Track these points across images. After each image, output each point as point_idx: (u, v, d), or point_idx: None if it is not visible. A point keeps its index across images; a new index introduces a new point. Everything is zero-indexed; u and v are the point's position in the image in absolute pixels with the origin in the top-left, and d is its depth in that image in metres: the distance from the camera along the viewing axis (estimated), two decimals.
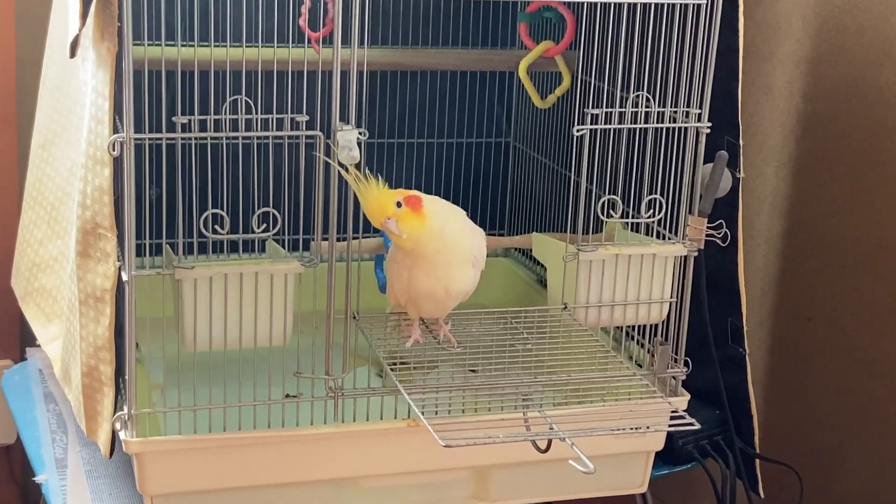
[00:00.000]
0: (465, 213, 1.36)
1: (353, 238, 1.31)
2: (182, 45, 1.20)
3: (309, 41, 1.38)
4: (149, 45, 1.23)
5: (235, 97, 1.21)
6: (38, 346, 1.61)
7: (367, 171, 1.25)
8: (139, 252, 1.25)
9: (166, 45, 1.19)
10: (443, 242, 1.30)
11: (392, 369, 1.32)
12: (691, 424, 1.26)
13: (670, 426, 1.28)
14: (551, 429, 1.23)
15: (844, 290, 1.72)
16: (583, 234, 1.39)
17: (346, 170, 1.24)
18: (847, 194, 1.70)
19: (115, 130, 1.22)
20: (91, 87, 1.26)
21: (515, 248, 1.86)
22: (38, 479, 1.44)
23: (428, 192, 1.77)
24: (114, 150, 1.19)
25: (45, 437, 1.52)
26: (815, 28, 1.71)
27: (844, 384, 1.72)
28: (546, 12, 1.66)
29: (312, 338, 1.31)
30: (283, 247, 1.31)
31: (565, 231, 1.44)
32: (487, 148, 1.86)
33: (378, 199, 1.26)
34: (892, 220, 1.63)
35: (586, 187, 1.39)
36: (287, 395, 1.34)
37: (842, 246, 1.71)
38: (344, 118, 1.26)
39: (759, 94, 1.80)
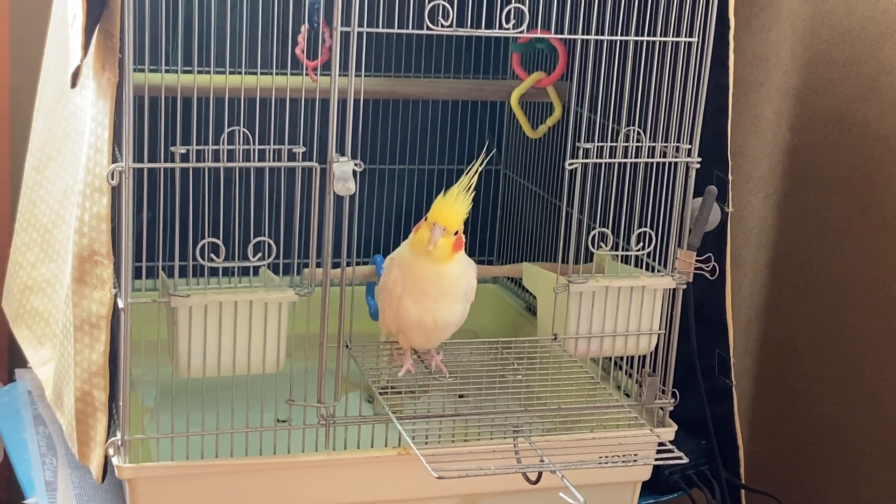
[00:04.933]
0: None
1: (347, 265, 1.33)
2: (178, 72, 1.21)
3: (306, 70, 1.40)
4: (149, 70, 1.24)
5: (233, 128, 1.23)
6: (28, 367, 1.62)
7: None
8: (133, 274, 1.26)
9: (166, 71, 1.21)
10: (437, 284, 1.32)
11: (383, 395, 1.33)
12: (679, 458, 1.27)
13: (658, 459, 1.30)
14: (541, 461, 1.24)
15: (830, 320, 1.73)
16: (573, 264, 1.41)
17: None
18: (833, 225, 1.71)
19: (114, 159, 1.23)
20: (91, 115, 1.27)
21: None
22: (28, 502, 1.44)
23: (419, 217, 1.79)
24: (112, 180, 1.20)
25: (35, 460, 1.51)
26: (803, 61, 1.73)
27: (829, 415, 1.74)
28: (538, 43, 1.68)
29: (305, 363, 1.32)
30: (276, 270, 1.32)
31: (555, 260, 1.45)
32: (478, 175, 1.87)
33: (460, 209, 1.31)
34: (877, 251, 1.64)
35: (577, 219, 1.40)
36: (278, 420, 1.35)
37: (828, 276, 1.73)
38: (339, 149, 1.27)
39: (747, 124, 1.81)
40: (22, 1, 1.92)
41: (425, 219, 1.32)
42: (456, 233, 1.32)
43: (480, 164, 1.33)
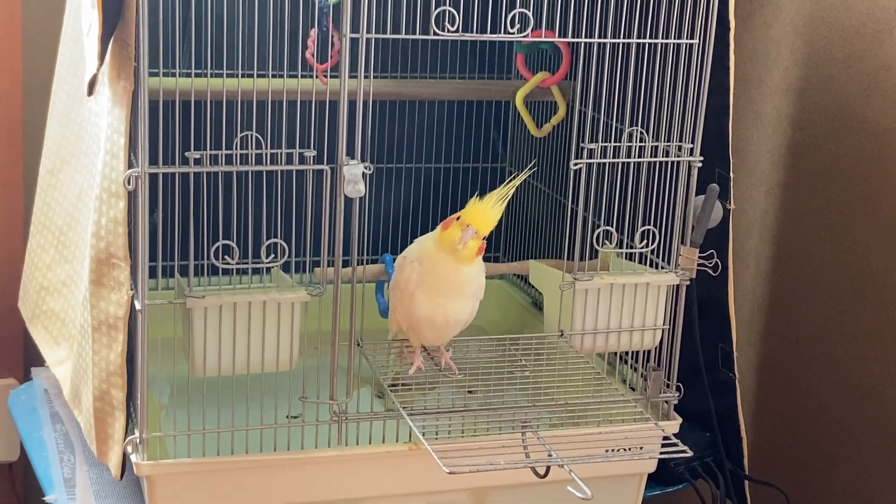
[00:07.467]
0: None
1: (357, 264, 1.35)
2: (188, 76, 1.24)
3: (315, 73, 1.42)
4: (162, 75, 1.26)
5: (246, 133, 1.25)
6: (44, 366, 1.64)
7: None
8: (150, 274, 1.29)
9: (180, 75, 1.23)
10: (453, 283, 1.35)
11: (393, 390, 1.36)
12: (683, 452, 1.30)
13: (662, 453, 1.32)
14: (549, 455, 1.27)
15: (832, 313, 1.75)
16: (578, 262, 1.43)
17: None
18: (835, 219, 1.73)
19: (130, 164, 1.26)
20: (107, 122, 1.30)
21: None
22: (48, 499, 1.46)
23: (426, 215, 1.83)
24: (129, 185, 1.23)
25: (53, 457, 1.54)
26: (804, 57, 1.75)
27: (832, 406, 1.75)
28: (542, 44, 1.70)
29: (317, 361, 1.35)
30: (286, 267, 1.34)
31: (560, 256, 1.48)
32: (484, 173, 1.90)
33: (495, 216, 1.34)
34: (878, 244, 1.66)
35: (582, 216, 1.43)
36: (291, 417, 1.38)
37: (829, 270, 1.74)
38: (349, 152, 1.30)
39: (749, 120, 1.83)
40: (34, 5, 1.94)
41: (457, 217, 1.34)
42: (483, 238, 1.34)
43: (520, 179, 1.35)
